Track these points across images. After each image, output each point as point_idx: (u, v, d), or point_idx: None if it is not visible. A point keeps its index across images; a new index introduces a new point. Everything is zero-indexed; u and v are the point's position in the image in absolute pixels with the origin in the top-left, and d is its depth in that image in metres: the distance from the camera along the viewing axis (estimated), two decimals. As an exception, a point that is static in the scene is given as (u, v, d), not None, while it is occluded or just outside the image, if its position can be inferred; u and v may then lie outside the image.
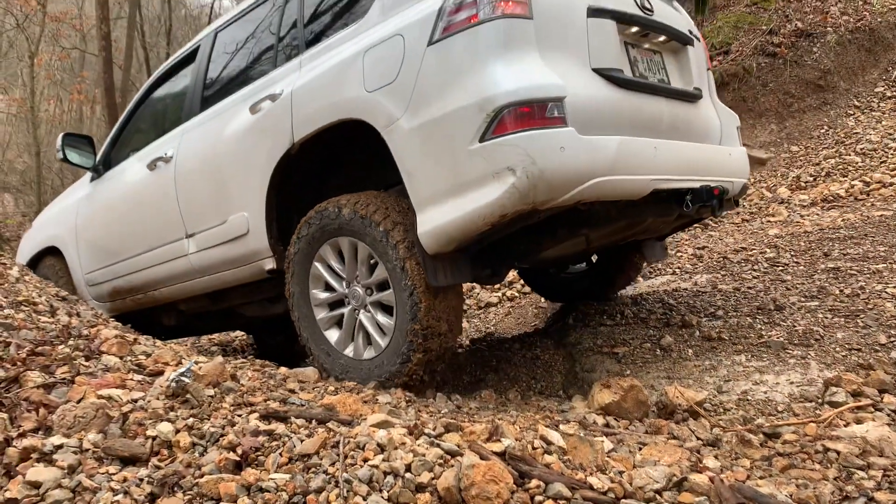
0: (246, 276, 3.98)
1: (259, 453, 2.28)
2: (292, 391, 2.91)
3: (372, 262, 3.32)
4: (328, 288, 3.53)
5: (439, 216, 2.96)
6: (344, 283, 3.47)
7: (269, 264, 3.79)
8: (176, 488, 2.08)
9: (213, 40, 4.52)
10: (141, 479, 2.12)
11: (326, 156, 3.73)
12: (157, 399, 2.67)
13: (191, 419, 2.52)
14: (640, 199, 3.15)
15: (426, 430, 2.38)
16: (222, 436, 2.40)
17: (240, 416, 2.55)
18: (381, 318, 3.31)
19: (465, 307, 7.21)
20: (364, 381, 3.29)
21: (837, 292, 4.22)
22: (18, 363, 2.95)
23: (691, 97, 3.75)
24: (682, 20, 3.93)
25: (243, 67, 4.19)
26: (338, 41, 3.53)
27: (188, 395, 2.68)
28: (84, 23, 25.10)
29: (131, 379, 2.89)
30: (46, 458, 2.36)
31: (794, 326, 3.79)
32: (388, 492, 1.99)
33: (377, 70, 3.18)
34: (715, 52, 9.42)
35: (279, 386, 2.93)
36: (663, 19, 3.66)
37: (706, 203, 3.37)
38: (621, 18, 3.36)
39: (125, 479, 2.13)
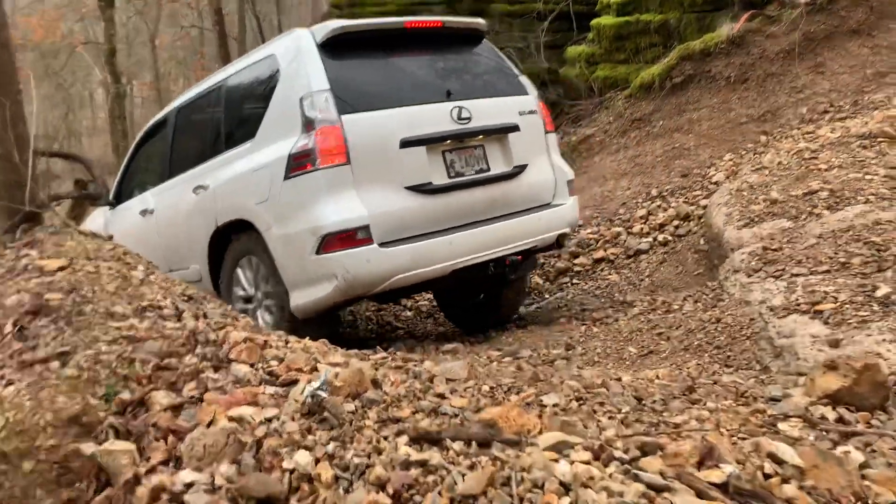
0: None
1: (413, 491, 1.87)
2: (442, 396, 2.48)
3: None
4: (243, 288, 4.69)
5: (300, 298, 4.12)
6: (252, 287, 4.62)
7: None
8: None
9: (177, 115, 5.55)
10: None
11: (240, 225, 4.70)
12: (293, 420, 2.32)
13: (331, 445, 2.14)
14: (448, 275, 4.26)
15: (616, 454, 1.88)
16: (368, 467, 2.01)
17: (386, 437, 2.15)
18: (268, 317, 4.48)
19: (612, 257, 6.60)
20: None
21: None
22: (144, 382, 2.69)
23: (511, 176, 4.61)
24: (510, 109, 4.70)
25: (193, 149, 5.21)
26: (242, 152, 4.57)
27: (326, 413, 2.30)
28: (199, 1, 25.62)
29: (263, 392, 2.56)
30: (177, 499, 2.06)
31: None
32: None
33: (259, 189, 4.29)
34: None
35: (427, 391, 2.51)
36: (482, 121, 4.50)
37: (506, 268, 4.55)
38: (433, 140, 4.28)
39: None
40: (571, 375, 3.16)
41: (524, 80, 5.02)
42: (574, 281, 6.59)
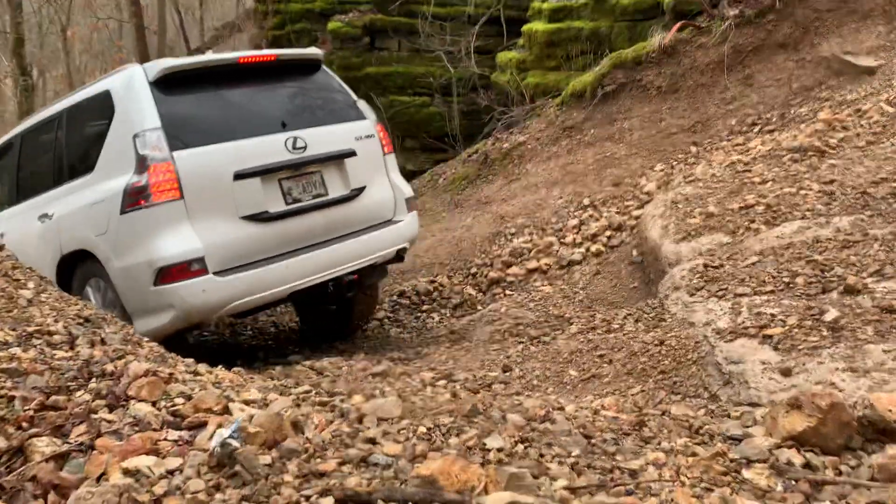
0: None
1: (340, 569, 1.59)
2: (373, 441, 2.19)
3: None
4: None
5: (143, 325, 4.13)
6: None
7: None
8: None
9: (21, 141, 5.59)
10: None
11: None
12: (198, 475, 1.99)
13: (243, 506, 1.83)
14: (288, 297, 4.69)
15: (576, 520, 1.64)
16: (287, 536, 1.71)
17: (308, 498, 1.85)
18: None
19: (545, 267, 6.43)
20: None
21: None
22: (24, 424, 2.31)
23: (349, 198, 4.92)
24: (346, 135, 4.99)
25: (37, 176, 5.28)
26: (82, 184, 4.66)
27: (237, 467, 1.99)
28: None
29: (165, 438, 2.22)
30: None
31: None
32: None
33: (98, 222, 4.40)
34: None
35: (355, 435, 2.22)
36: (318, 149, 4.76)
37: (342, 287, 4.90)
38: (267, 171, 4.52)
39: None
40: (512, 405, 2.93)
41: (362, 105, 5.31)
42: (507, 292, 6.39)
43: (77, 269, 4.70)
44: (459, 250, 7.27)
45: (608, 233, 6.59)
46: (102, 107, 4.64)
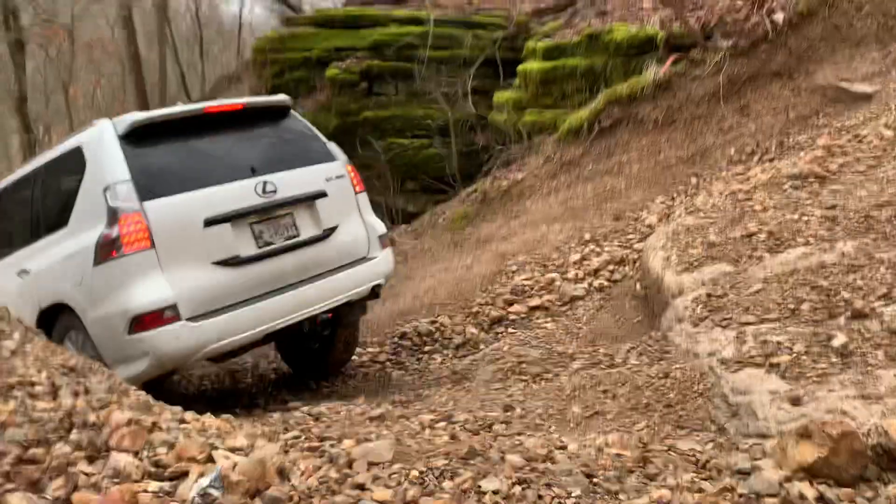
0: None
1: None
2: (362, 487, 2.08)
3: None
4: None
5: (123, 372, 4.04)
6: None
7: None
8: None
9: (1, 198, 5.64)
10: None
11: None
12: (176, 528, 1.89)
13: (222, 562, 1.72)
14: (263, 339, 4.72)
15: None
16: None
17: (291, 549, 1.74)
18: None
19: (548, 304, 6.33)
20: None
21: None
22: (0, 480, 2.22)
23: (321, 239, 4.98)
24: (317, 177, 5.07)
25: (16, 232, 5.36)
26: (58, 239, 4.73)
27: (218, 519, 1.89)
28: (118, 46, 24.84)
29: (145, 490, 2.12)
30: None
31: None
32: None
33: (74, 274, 4.46)
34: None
35: (343, 480, 2.11)
36: (288, 191, 4.82)
37: (316, 326, 5.07)
38: (237, 216, 4.57)
39: None
40: (513, 446, 2.82)
41: (332, 147, 5.39)
42: (510, 330, 6.27)
43: (56, 322, 4.71)
44: (460, 290, 7.17)
45: (610, 267, 6.51)
46: (75, 162, 4.75)
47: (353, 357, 6.56)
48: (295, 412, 4.61)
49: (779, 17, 7.78)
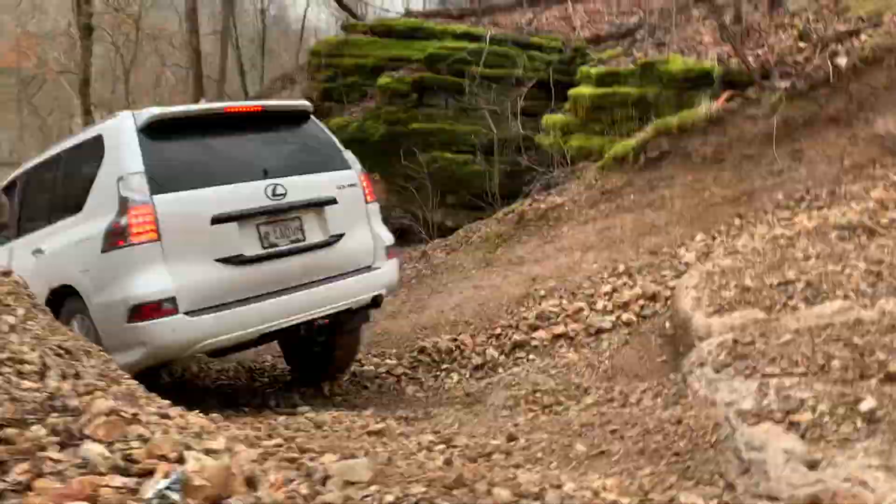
0: None
1: None
2: (334, 508, 1.97)
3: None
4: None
5: (121, 359, 3.95)
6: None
7: None
8: None
9: (26, 178, 5.89)
10: None
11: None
12: (129, 530, 1.80)
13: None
14: (258, 339, 4.81)
15: None
16: None
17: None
18: None
19: (573, 333, 6.15)
20: None
21: None
22: (-32, 457, 2.16)
23: (327, 244, 5.05)
24: (328, 183, 5.14)
25: (36, 213, 5.54)
26: (72, 223, 4.88)
27: (173, 525, 1.79)
28: (184, 38, 25.37)
29: (108, 485, 2.04)
30: None
31: None
32: None
33: (83, 259, 4.62)
34: (863, 24, 7.97)
35: (313, 497, 2.00)
36: (298, 196, 4.90)
37: (314, 331, 5.09)
38: (245, 216, 4.66)
39: None
40: (505, 479, 2.67)
41: (348, 155, 5.45)
42: (530, 357, 6.12)
43: (64, 304, 4.80)
44: (486, 309, 7.05)
45: (641, 302, 6.30)
46: (95, 150, 4.86)
47: (371, 367, 6.49)
48: (299, 417, 4.54)
49: (842, 61, 7.51)
